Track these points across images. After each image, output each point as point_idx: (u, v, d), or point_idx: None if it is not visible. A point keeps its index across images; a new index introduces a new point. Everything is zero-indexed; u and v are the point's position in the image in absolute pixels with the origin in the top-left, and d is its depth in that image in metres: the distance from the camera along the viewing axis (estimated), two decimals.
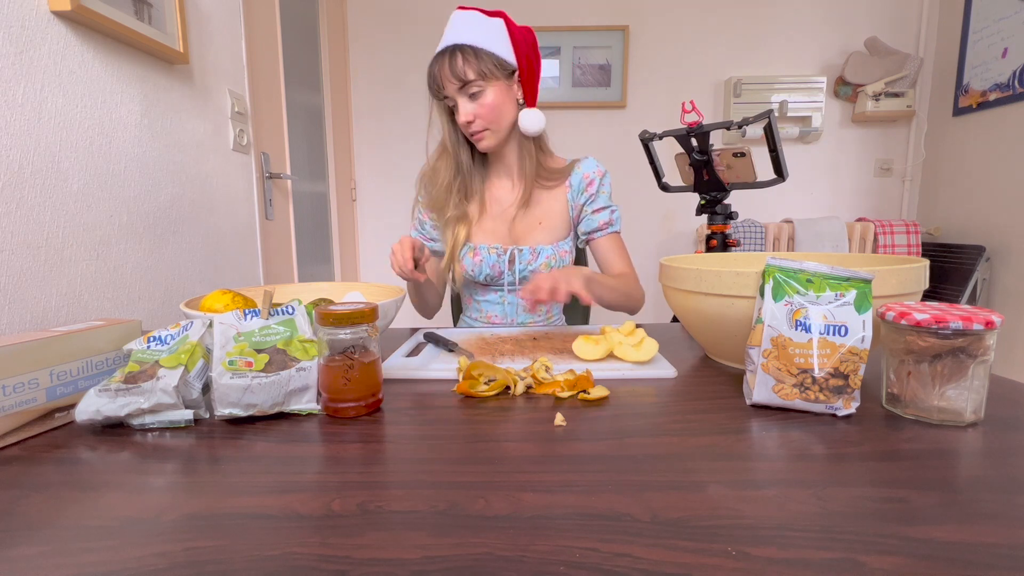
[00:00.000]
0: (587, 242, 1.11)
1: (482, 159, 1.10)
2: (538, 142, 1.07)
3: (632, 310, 1.06)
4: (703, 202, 1.53)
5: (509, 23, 0.97)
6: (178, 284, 1.12)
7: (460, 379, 0.61)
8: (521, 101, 1.02)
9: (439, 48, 0.96)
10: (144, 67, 1.03)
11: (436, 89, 0.97)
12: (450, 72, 0.93)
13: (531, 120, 1.00)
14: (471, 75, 0.93)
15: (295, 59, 1.89)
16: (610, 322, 0.83)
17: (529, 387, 0.60)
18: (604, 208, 1.08)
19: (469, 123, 0.98)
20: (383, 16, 2.46)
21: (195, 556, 0.31)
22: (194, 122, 1.19)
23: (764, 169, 1.42)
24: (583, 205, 1.08)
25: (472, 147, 1.06)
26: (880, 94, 2.34)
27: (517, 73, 0.99)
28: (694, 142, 1.43)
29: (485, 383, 0.59)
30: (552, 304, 1.12)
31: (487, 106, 0.96)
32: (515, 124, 1.02)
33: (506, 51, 0.96)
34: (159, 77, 1.07)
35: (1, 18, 0.74)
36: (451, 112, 1.02)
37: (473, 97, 0.96)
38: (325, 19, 2.18)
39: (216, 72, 1.28)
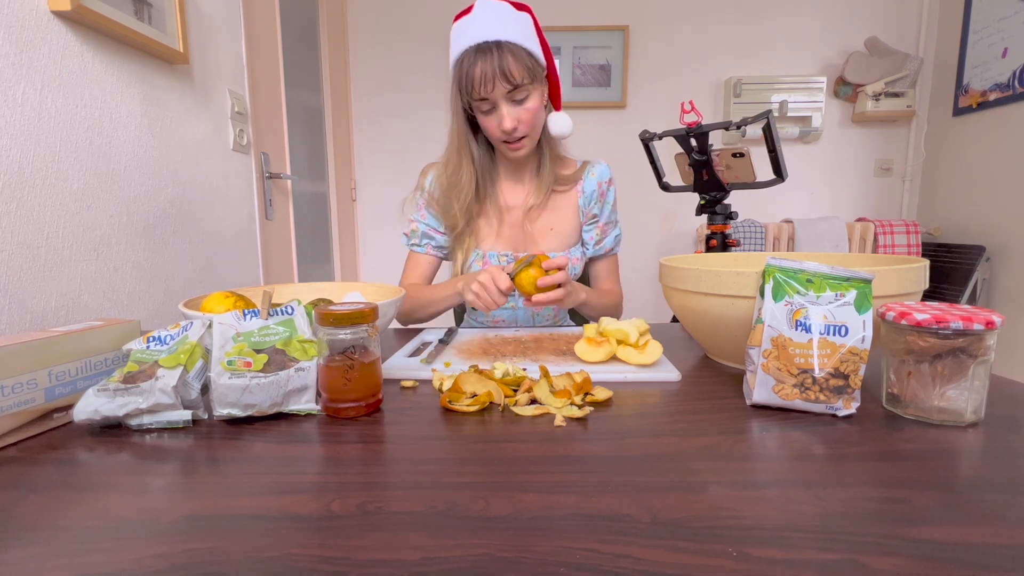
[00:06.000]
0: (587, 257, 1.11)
1: (492, 162, 1.04)
2: (554, 145, 1.02)
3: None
4: (703, 202, 1.53)
5: (535, 18, 0.91)
6: (178, 284, 1.12)
7: (441, 391, 0.58)
8: (547, 104, 0.96)
9: (472, 41, 0.85)
10: (144, 67, 1.03)
11: (475, 90, 0.86)
12: (500, 73, 0.84)
13: (561, 124, 0.95)
14: (522, 77, 0.86)
15: (295, 59, 1.89)
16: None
17: (534, 401, 0.57)
18: (610, 225, 1.07)
19: (512, 130, 0.90)
20: (383, 16, 2.46)
21: (194, 557, 0.31)
22: (194, 122, 1.19)
23: (764, 169, 1.42)
24: (593, 214, 1.06)
25: (485, 152, 1.00)
26: (880, 94, 2.34)
27: (546, 74, 0.93)
28: (693, 142, 1.43)
29: (469, 398, 0.56)
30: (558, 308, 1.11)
31: (531, 111, 0.89)
32: (543, 129, 0.97)
33: (538, 50, 0.89)
34: (159, 77, 1.07)
35: (1, 18, 0.74)
36: (469, 115, 0.95)
37: (519, 102, 0.89)
38: (325, 19, 2.18)
39: (216, 72, 1.28)
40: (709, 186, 1.49)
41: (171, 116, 1.11)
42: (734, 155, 1.42)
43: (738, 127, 1.35)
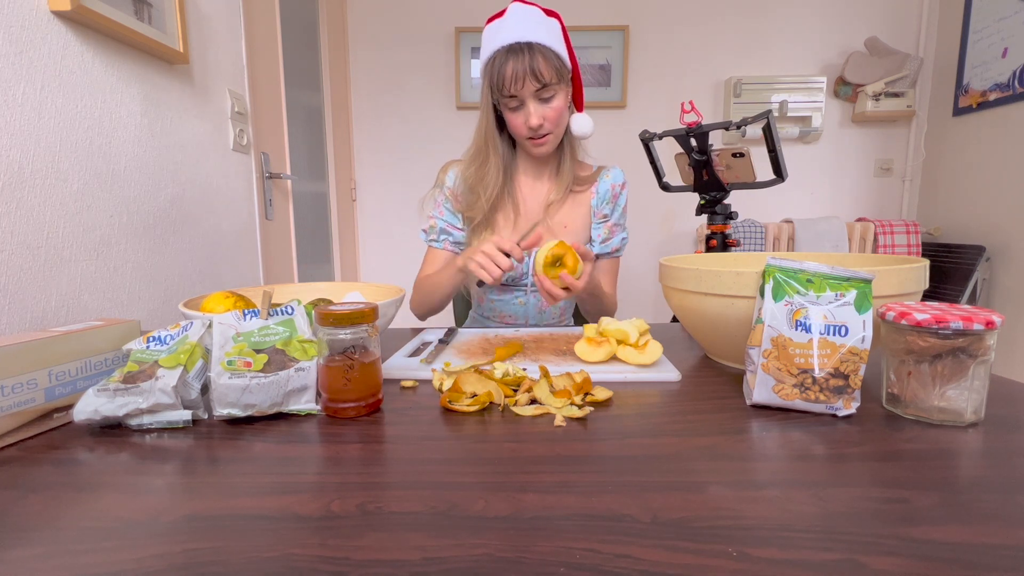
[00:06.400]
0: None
1: (513, 158, 1.08)
2: (575, 146, 1.06)
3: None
4: (703, 202, 1.53)
5: (563, 24, 0.95)
6: (178, 284, 1.12)
7: (441, 391, 0.58)
8: (570, 105, 1.00)
9: (504, 42, 0.91)
10: (144, 67, 1.03)
11: (505, 87, 0.92)
12: (530, 71, 0.89)
13: (583, 124, 0.99)
14: (550, 77, 0.91)
15: (295, 59, 1.89)
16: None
17: (534, 401, 0.57)
18: (618, 227, 1.10)
19: (538, 127, 0.95)
20: (383, 16, 2.46)
21: (193, 558, 0.31)
22: (194, 122, 1.19)
23: (764, 169, 1.42)
24: (604, 214, 1.09)
25: (508, 148, 1.04)
26: (880, 94, 2.34)
27: (571, 76, 0.97)
28: (693, 142, 1.43)
29: (469, 398, 0.57)
30: (566, 304, 1.13)
31: (556, 110, 0.94)
32: (566, 129, 1.02)
33: (565, 53, 0.94)
34: (159, 77, 1.07)
35: (1, 18, 0.74)
36: (497, 112, 0.99)
37: (546, 100, 0.94)
38: (325, 19, 2.18)
39: (216, 72, 1.28)
40: (709, 186, 1.49)
41: (171, 116, 1.11)
42: (734, 155, 1.42)
43: (738, 127, 1.35)
